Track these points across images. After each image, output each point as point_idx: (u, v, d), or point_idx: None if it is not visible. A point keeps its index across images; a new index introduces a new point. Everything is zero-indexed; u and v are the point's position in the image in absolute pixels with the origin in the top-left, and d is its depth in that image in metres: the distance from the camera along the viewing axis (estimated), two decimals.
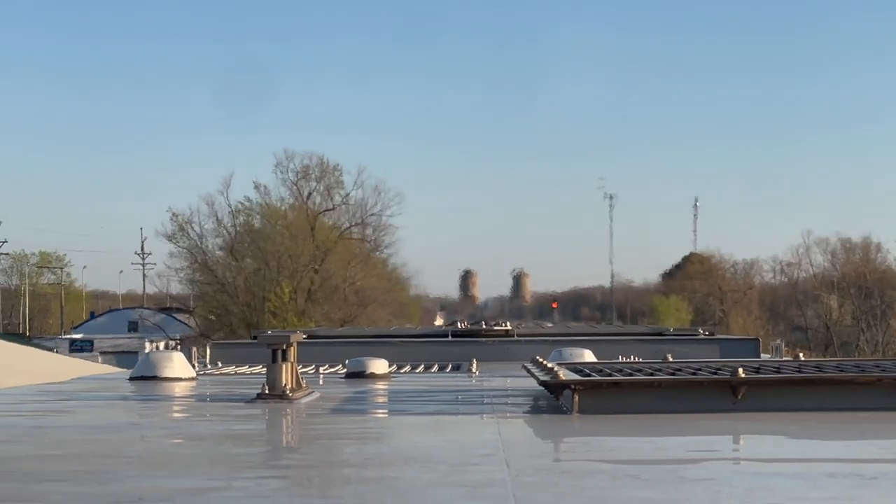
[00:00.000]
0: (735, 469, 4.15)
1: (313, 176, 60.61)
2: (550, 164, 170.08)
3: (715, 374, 5.88)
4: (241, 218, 58.98)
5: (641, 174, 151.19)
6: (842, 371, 5.98)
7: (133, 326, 68.37)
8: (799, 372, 5.95)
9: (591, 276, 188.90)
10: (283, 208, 60.16)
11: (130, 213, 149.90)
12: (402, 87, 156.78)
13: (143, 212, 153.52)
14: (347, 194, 60.99)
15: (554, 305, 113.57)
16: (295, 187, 60.49)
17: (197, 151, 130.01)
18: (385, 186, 61.81)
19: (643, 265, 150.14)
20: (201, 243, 57.66)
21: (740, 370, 5.53)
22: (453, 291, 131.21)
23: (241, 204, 58.80)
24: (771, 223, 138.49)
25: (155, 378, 8.28)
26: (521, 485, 3.50)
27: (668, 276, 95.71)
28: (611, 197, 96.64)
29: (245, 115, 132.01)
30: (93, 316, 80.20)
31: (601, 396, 5.47)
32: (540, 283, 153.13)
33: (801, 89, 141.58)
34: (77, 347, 62.89)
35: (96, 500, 3.38)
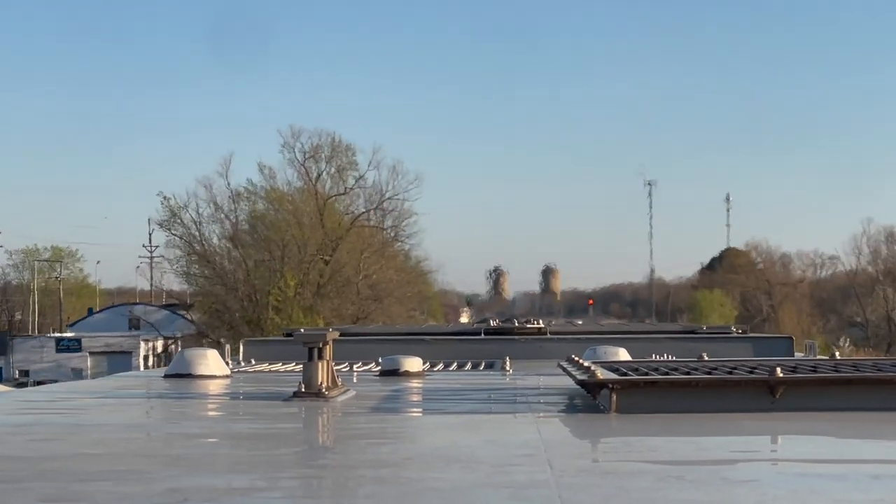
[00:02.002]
0: (778, 470, 4.37)
1: (323, 156, 59.23)
2: (581, 157, 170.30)
3: (751, 373, 6.20)
4: (243, 203, 57.65)
5: (673, 171, 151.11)
6: (880, 370, 6.27)
7: (135, 324, 67.06)
8: (836, 371, 6.27)
9: (621, 272, 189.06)
10: (289, 192, 58.65)
11: (144, 204, 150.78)
12: (426, 76, 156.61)
13: (153, 202, 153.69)
14: (361, 176, 59.75)
15: (590, 303, 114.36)
16: (303, 168, 59.05)
17: (208, 136, 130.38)
18: (403, 168, 60.64)
19: (672, 262, 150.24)
20: (198, 231, 56.39)
21: (778, 369, 5.86)
22: (479, 287, 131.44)
23: (243, 187, 57.58)
24: (812, 216, 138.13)
25: (190, 376, 8.76)
26: (565, 486, 3.74)
27: (709, 269, 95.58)
28: (650, 184, 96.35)
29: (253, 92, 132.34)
30: (91, 312, 79.09)
31: (639, 396, 5.81)
32: (569, 279, 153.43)
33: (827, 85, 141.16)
34: (64, 347, 62.25)
35: (141, 500, 3.57)
